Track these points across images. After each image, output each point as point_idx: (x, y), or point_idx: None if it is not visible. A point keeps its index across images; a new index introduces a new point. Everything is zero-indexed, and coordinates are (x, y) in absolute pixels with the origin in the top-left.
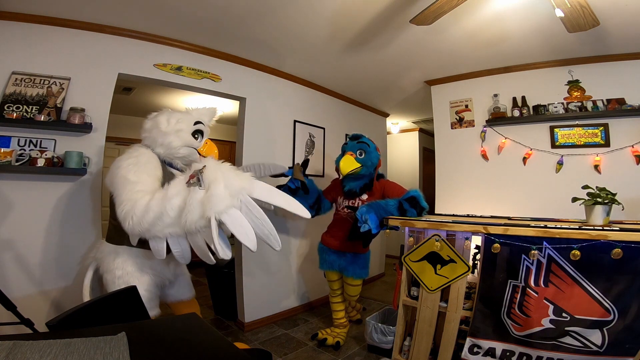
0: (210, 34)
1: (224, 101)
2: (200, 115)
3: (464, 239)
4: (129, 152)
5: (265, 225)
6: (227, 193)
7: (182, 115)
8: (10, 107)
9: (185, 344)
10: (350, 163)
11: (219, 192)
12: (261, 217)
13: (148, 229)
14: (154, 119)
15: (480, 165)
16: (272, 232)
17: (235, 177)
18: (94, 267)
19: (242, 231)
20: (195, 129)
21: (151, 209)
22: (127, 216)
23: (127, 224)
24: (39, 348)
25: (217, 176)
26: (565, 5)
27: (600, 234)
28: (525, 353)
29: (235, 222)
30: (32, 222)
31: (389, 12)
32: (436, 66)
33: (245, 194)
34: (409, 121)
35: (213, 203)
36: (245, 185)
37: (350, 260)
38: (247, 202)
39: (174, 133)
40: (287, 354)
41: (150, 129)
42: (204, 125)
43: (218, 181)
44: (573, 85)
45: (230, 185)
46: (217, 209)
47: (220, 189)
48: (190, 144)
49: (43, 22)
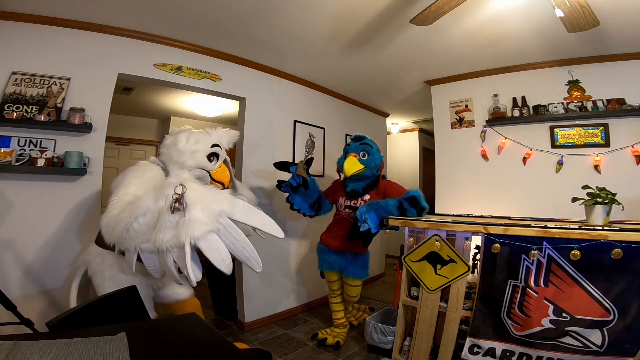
0: (210, 34)
1: (224, 101)
2: (219, 138)
3: (464, 239)
4: (139, 164)
5: (247, 248)
6: (204, 217)
7: (202, 136)
8: (10, 107)
9: (185, 344)
10: (354, 164)
11: (196, 216)
12: (242, 239)
13: (118, 241)
14: (175, 136)
15: (480, 165)
16: (252, 254)
17: (215, 200)
18: (83, 270)
19: (219, 257)
20: (211, 151)
21: (120, 220)
22: (102, 225)
23: (103, 234)
24: (39, 348)
25: (195, 199)
26: (565, 5)
27: (600, 234)
28: (525, 353)
29: (211, 247)
30: (32, 222)
31: (389, 12)
32: (436, 66)
33: (224, 216)
34: (409, 121)
35: (190, 228)
36: (224, 207)
37: (350, 261)
38: (227, 224)
39: (190, 153)
40: (287, 354)
41: (169, 145)
42: (220, 148)
43: (196, 204)
44: (573, 85)
45: (208, 208)
46: (194, 234)
47: (198, 213)
48: (204, 166)
49: (43, 22)
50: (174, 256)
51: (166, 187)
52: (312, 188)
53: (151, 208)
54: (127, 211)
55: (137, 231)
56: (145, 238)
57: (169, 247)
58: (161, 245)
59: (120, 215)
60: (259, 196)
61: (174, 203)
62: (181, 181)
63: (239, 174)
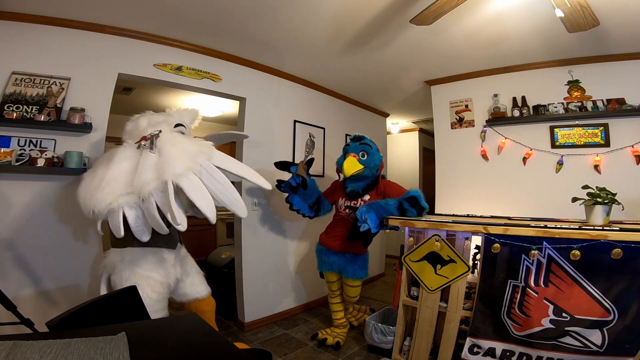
0: (210, 34)
1: (224, 101)
2: (181, 117)
3: (464, 239)
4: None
5: (229, 191)
6: (184, 155)
7: (163, 117)
8: (10, 107)
9: (185, 344)
10: (353, 165)
11: (175, 153)
12: (224, 182)
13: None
14: (135, 121)
15: (480, 165)
16: (236, 197)
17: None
18: (106, 276)
19: (202, 197)
20: (175, 131)
21: (98, 178)
22: (78, 198)
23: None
24: (39, 348)
25: (174, 140)
26: (565, 5)
27: (600, 234)
28: (525, 353)
29: (194, 187)
30: (32, 222)
31: (389, 12)
32: (436, 66)
33: (204, 159)
34: (409, 121)
35: (170, 165)
36: (204, 149)
37: (349, 261)
38: (208, 167)
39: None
40: (287, 354)
41: (131, 131)
42: (185, 127)
43: (174, 144)
44: (573, 85)
45: (187, 148)
46: (175, 171)
47: (177, 151)
48: None
49: (43, 22)
50: (157, 200)
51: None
52: (312, 188)
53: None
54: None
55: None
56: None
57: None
58: (143, 190)
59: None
60: (259, 196)
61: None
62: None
63: None
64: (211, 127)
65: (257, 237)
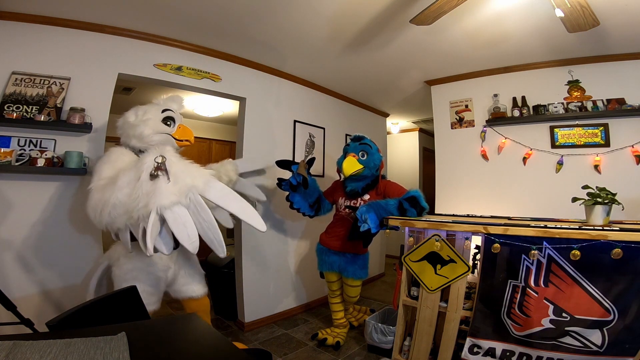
0: (210, 34)
1: (224, 101)
2: (167, 104)
3: (464, 239)
4: (106, 153)
5: (212, 230)
6: (175, 189)
7: (149, 107)
8: (10, 107)
9: (185, 344)
10: (353, 164)
11: (166, 186)
12: (208, 220)
13: (109, 222)
14: (123, 116)
15: (480, 165)
16: (217, 237)
17: (190, 174)
18: (105, 265)
19: (184, 231)
20: (164, 116)
21: (105, 200)
22: (89, 213)
23: (92, 220)
24: (39, 348)
25: (172, 168)
26: (565, 5)
27: (600, 234)
28: (525, 353)
29: (177, 220)
30: (32, 222)
31: (389, 12)
32: (436, 66)
33: (195, 193)
34: (409, 121)
35: (157, 196)
36: (197, 183)
37: (349, 261)
38: (197, 202)
39: (143, 123)
40: (287, 354)
41: (121, 126)
42: (173, 112)
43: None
44: (573, 85)
45: (180, 180)
46: (161, 203)
47: (169, 185)
48: (161, 130)
49: (43, 22)
50: (145, 226)
51: (146, 157)
52: (312, 188)
53: (132, 179)
54: (108, 190)
55: (122, 202)
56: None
57: (141, 217)
58: (134, 214)
59: (103, 196)
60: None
61: (154, 170)
62: (162, 152)
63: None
64: (211, 127)
65: (257, 237)
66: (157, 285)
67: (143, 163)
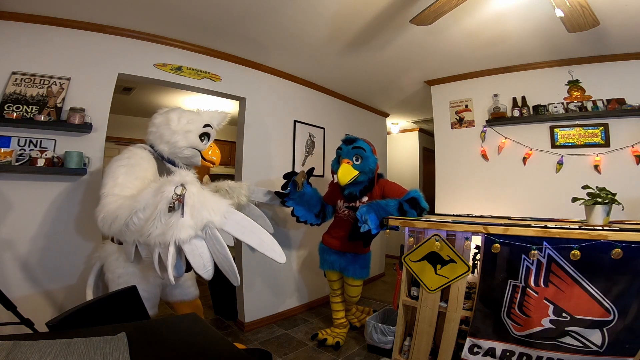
0: (210, 34)
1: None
2: (210, 118)
3: (464, 239)
4: (122, 153)
5: (226, 262)
6: (192, 223)
7: (193, 116)
8: (10, 107)
9: (186, 344)
10: (348, 172)
11: (185, 220)
12: (224, 253)
13: (117, 234)
14: (165, 115)
15: (480, 165)
16: (231, 269)
17: (208, 208)
18: (98, 266)
19: (200, 262)
20: (203, 131)
21: (119, 215)
22: (98, 220)
23: (100, 227)
24: (39, 348)
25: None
26: (565, 5)
27: (600, 234)
28: (525, 353)
29: (194, 252)
30: (32, 222)
31: (389, 12)
32: (436, 66)
33: (213, 228)
34: (409, 121)
35: (177, 230)
36: (214, 219)
37: (350, 260)
38: (213, 236)
39: (183, 133)
40: (287, 354)
41: (159, 124)
42: (212, 128)
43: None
44: (573, 85)
45: (197, 216)
46: (179, 237)
47: (187, 217)
48: (196, 146)
49: (43, 22)
50: (160, 252)
51: (166, 185)
52: (315, 197)
53: (150, 204)
54: (126, 207)
55: (137, 225)
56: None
57: (157, 243)
58: (150, 240)
59: (118, 210)
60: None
61: (173, 201)
62: (183, 182)
63: (239, 173)
64: None
65: None
66: (151, 290)
67: (162, 192)
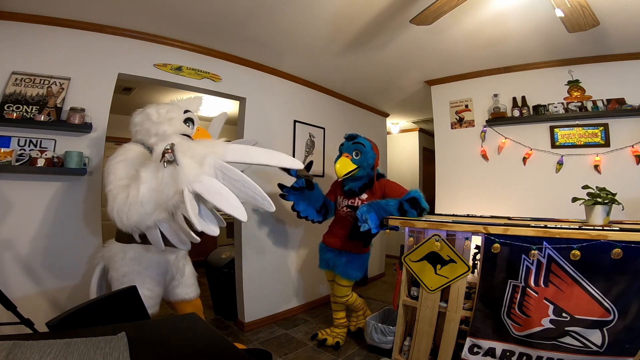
0: (210, 34)
1: (224, 101)
2: (187, 105)
3: (464, 239)
4: (117, 151)
5: (248, 186)
6: (194, 162)
7: (171, 106)
8: (10, 107)
9: (186, 344)
10: (346, 165)
11: (185, 162)
12: (240, 178)
13: (137, 222)
14: (143, 112)
15: (480, 165)
16: (257, 192)
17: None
18: (101, 266)
19: (223, 199)
20: (185, 117)
21: (131, 201)
22: (113, 215)
23: (118, 222)
24: (39, 348)
25: (182, 149)
26: (565, 5)
27: (600, 234)
28: (525, 353)
29: (211, 190)
30: (32, 222)
31: (389, 12)
32: (436, 66)
33: (215, 159)
34: (409, 121)
35: (182, 175)
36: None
37: (344, 260)
38: (221, 166)
39: (167, 121)
40: (287, 354)
41: (141, 122)
42: (192, 113)
43: (184, 153)
44: (573, 85)
45: (195, 154)
46: (188, 179)
47: (187, 160)
48: (183, 131)
49: (43, 22)
50: (183, 212)
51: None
52: (317, 193)
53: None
54: (133, 187)
55: (151, 197)
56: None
57: (176, 205)
58: (168, 204)
59: (129, 194)
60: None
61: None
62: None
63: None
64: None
65: (257, 237)
66: (155, 289)
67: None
